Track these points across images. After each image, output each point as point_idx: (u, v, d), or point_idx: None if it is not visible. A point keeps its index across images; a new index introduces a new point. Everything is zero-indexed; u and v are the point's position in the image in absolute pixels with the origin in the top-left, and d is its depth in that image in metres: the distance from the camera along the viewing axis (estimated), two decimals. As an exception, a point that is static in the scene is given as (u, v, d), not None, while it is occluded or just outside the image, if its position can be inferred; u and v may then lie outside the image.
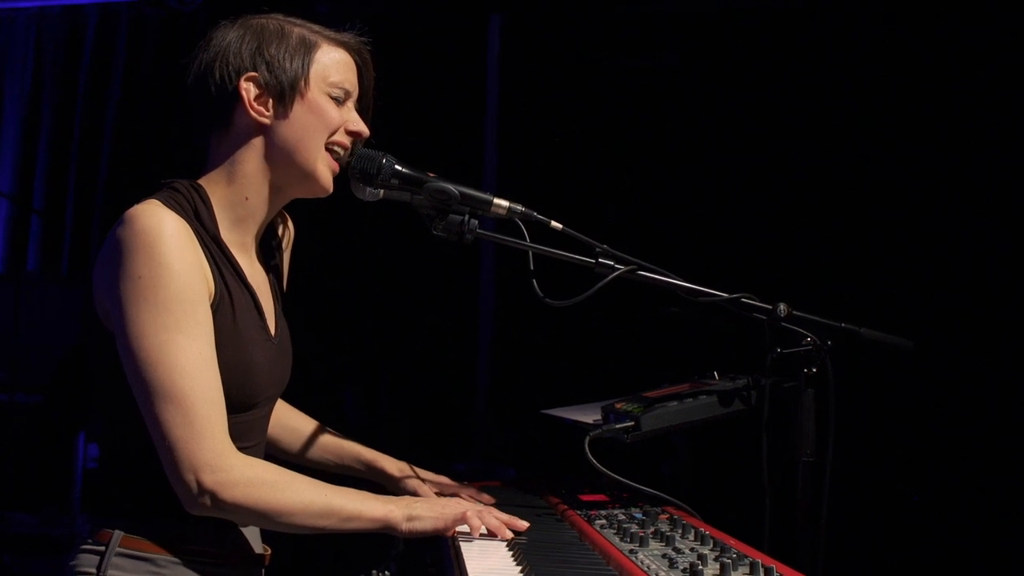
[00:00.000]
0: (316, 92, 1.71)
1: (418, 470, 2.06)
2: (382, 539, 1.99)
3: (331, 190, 1.76)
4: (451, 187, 1.78)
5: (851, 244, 3.42)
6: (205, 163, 1.74)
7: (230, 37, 1.71)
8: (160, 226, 1.53)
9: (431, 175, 1.79)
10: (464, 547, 1.61)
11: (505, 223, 1.85)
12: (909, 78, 3.40)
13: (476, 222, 1.79)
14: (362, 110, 1.80)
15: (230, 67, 1.68)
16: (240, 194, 1.71)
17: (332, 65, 1.73)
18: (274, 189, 1.73)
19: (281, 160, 1.71)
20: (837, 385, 1.77)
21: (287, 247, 1.96)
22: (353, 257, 4.59)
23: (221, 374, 1.58)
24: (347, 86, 1.75)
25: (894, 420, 3.09)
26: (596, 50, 4.31)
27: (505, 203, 1.81)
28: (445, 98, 4.52)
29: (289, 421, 2.05)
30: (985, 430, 3.00)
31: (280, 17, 1.75)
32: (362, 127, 1.77)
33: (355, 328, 4.61)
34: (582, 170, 4.16)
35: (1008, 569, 2.89)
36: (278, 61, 1.68)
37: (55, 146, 5.31)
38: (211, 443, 1.52)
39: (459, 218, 1.78)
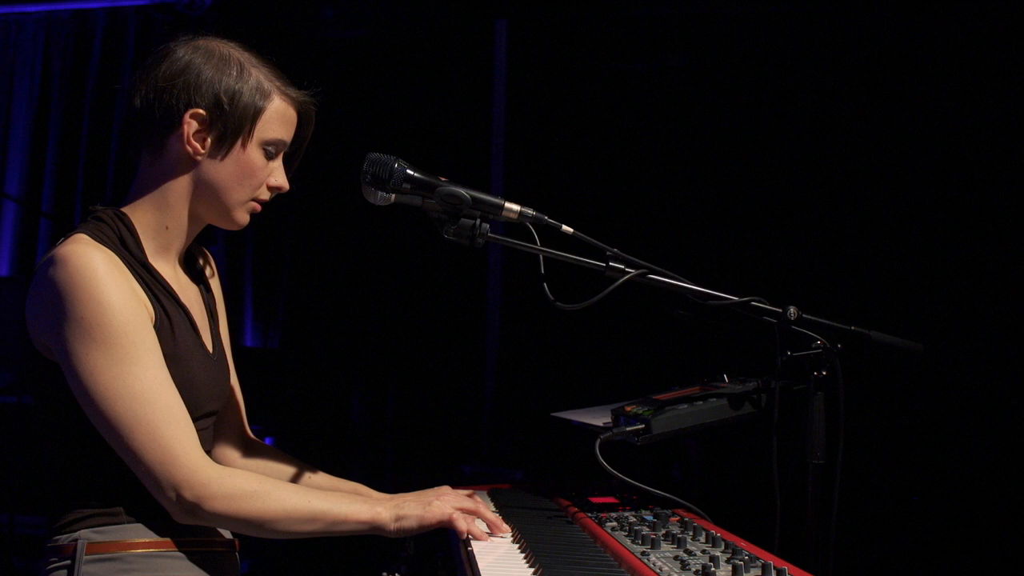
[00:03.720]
0: (253, 146, 1.73)
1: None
2: (393, 541, 2.00)
3: (244, 226, 1.81)
4: (463, 191, 1.78)
5: (861, 247, 3.42)
6: (133, 183, 1.75)
7: (187, 61, 1.70)
8: (91, 265, 1.56)
9: (442, 179, 1.80)
10: (476, 549, 1.62)
11: (514, 226, 1.86)
12: (918, 82, 3.40)
13: (487, 226, 1.80)
14: (289, 157, 1.82)
15: (180, 98, 1.68)
16: (163, 222, 1.73)
17: (276, 120, 1.75)
18: (192, 218, 1.76)
19: (203, 196, 1.74)
20: (847, 388, 1.78)
21: (212, 274, 1.96)
22: (360, 260, 4.60)
23: None
24: (283, 142, 1.78)
25: (904, 423, 3.09)
26: (602, 53, 4.31)
27: (516, 207, 1.82)
28: (452, 102, 4.53)
29: (284, 468, 2.01)
30: (995, 432, 3.00)
31: (240, 51, 1.75)
32: (282, 182, 1.79)
33: (362, 330, 4.62)
34: (590, 173, 4.17)
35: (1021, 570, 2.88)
36: (228, 105, 1.69)
37: (63, 149, 5.33)
38: (184, 460, 1.57)
39: (471, 222, 1.79)
